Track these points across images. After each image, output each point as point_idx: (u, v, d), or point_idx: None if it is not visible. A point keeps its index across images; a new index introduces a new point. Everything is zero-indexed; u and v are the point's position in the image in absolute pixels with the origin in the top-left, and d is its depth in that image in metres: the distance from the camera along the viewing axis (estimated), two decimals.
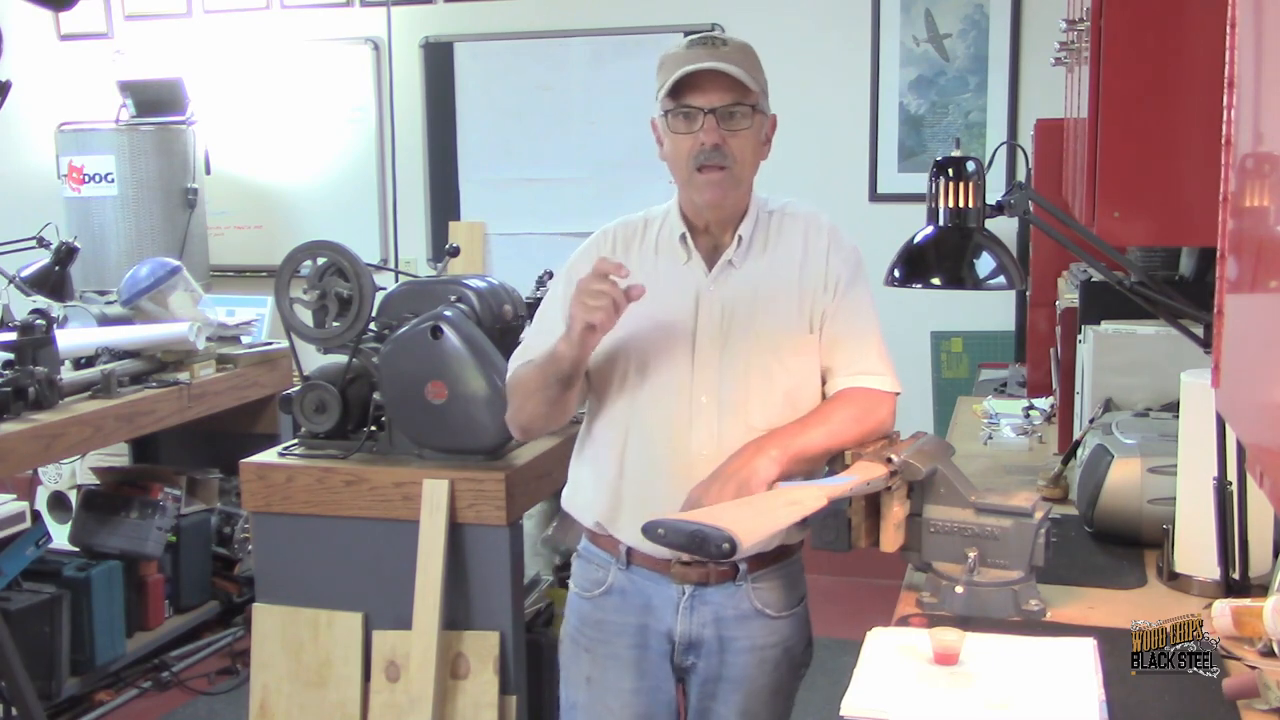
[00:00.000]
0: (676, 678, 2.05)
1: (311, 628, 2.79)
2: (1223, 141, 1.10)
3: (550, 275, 2.91)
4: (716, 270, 1.94)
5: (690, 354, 1.91)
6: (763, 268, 1.95)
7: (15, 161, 5.28)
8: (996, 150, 2.18)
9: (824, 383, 1.97)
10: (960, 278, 1.83)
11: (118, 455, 4.43)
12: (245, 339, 4.31)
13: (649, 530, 1.61)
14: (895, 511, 1.79)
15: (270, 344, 4.38)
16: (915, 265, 1.87)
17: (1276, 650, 1.54)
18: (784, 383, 1.93)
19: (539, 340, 1.98)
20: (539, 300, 2.46)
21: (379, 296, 2.87)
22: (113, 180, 4.84)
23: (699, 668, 2.02)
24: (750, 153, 1.89)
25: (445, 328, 2.63)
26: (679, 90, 1.85)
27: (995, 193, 1.84)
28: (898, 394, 1.98)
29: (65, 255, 3.95)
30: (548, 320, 2.01)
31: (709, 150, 1.85)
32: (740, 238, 1.94)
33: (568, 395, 1.93)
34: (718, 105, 1.84)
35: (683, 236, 1.95)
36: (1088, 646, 1.59)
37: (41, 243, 4.01)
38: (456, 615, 2.72)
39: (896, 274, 1.87)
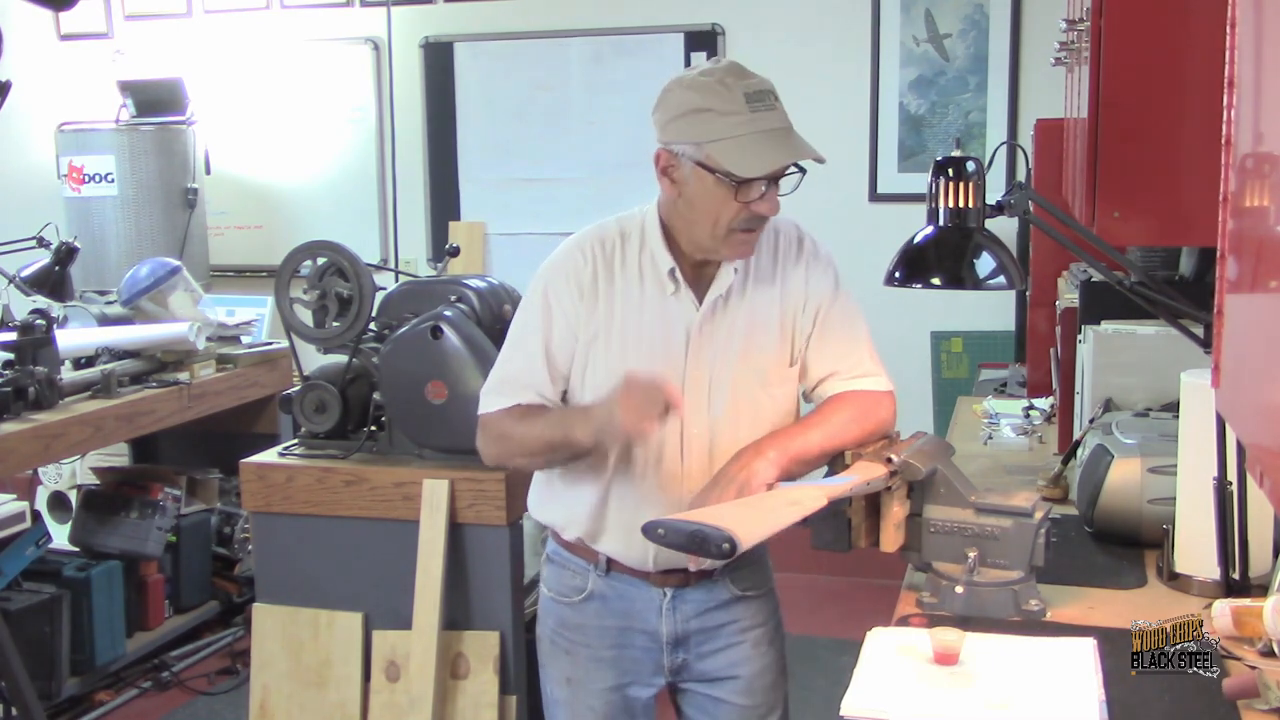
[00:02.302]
0: (668, 680, 2.04)
1: (311, 628, 2.79)
2: (1223, 141, 1.10)
3: None
4: (706, 308, 1.89)
5: (680, 390, 1.86)
6: (747, 301, 1.92)
7: (15, 161, 5.28)
8: (996, 150, 2.18)
9: (814, 387, 1.97)
10: (960, 278, 1.84)
11: (118, 455, 4.43)
12: (245, 339, 4.30)
13: (649, 530, 1.61)
14: (895, 511, 1.79)
15: (270, 344, 4.38)
16: (915, 265, 1.87)
17: (1276, 650, 1.55)
18: (770, 412, 1.93)
19: (523, 373, 1.93)
20: None
21: (379, 296, 2.87)
22: (113, 180, 4.84)
23: (691, 663, 2.02)
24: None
25: (445, 328, 2.63)
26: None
27: (995, 193, 1.84)
28: (893, 391, 1.97)
29: (65, 255, 3.95)
30: (526, 346, 1.94)
31: (758, 218, 1.80)
32: (735, 269, 1.89)
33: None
34: (777, 175, 1.78)
35: (671, 271, 1.88)
36: (1088, 646, 1.59)
37: (41, 243, 4.01)
38: (456, 615, 2.72)
39: (896, 274, 1.87)
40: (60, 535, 4.04)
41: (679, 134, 1.79)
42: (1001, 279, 1.82)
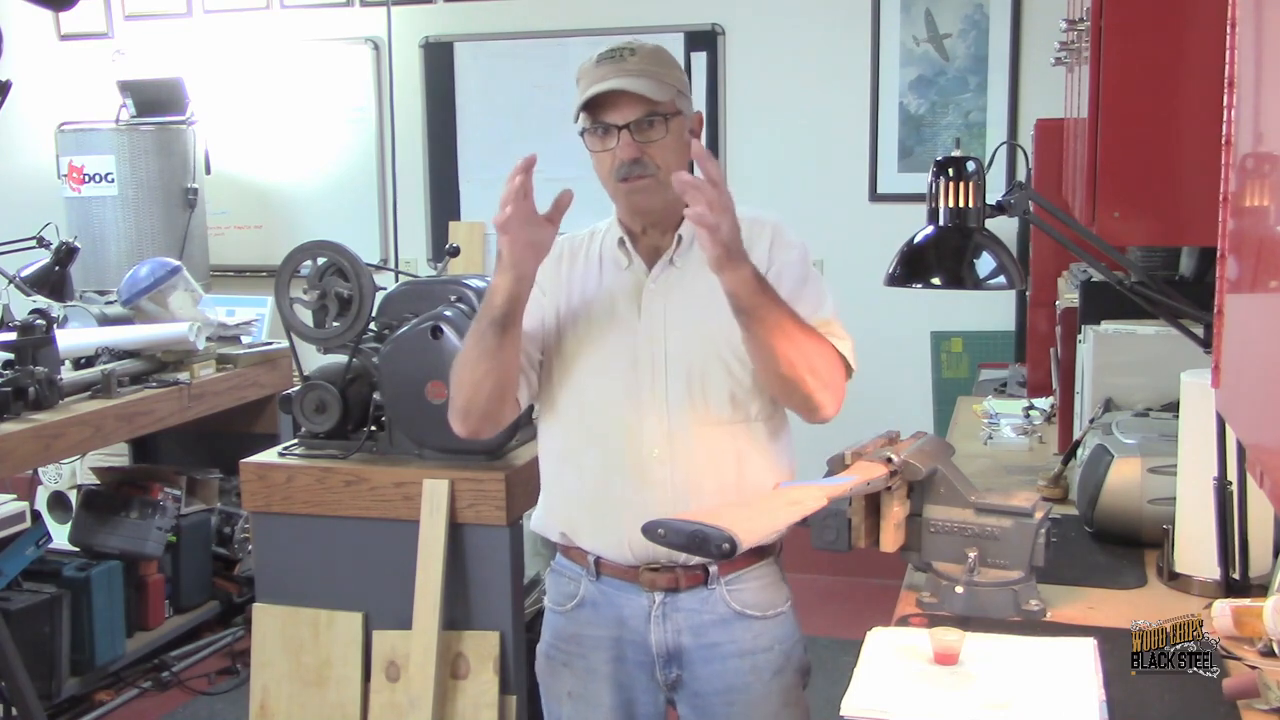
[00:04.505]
0: (666, 697, 2.01)
1: (311, 628, 2.79)
2: (1223, 141, 1.10)
3: None
4: (657, 270, 1.94)
5: (633, 352, 1.91)
6: (706, 269, 1.88)
7: (15, 161, 5.28)
8: (996, 150, 2.18)
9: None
10: (960, 278, 1.83)
11: (118, 455, 4.43)
12: (245, 339, 4.30)
13: (649, 530, 1.60)
14: (895, 511, 1.79)
15: (270, 344, 4.38)
16: (915, 265, 1.86)
17: (1276, 650, 1.55)
18: (731, 383, 1.91)
19: None
20: None
21: (379, 296, 2.87)
22: (113, 180, 4.84)
23: (686, 681, 1.98)
24: (673, 156, 1.89)
25: (445, 328, 2.64)
26: (592, 108, 1.88)
27: (995, 193, 1.84)
28: (851, 369, 1.91)
29: (65, 255, 3.96)
30: None
31: (628, 164, 1.88)
32: (680, 237, 1.94)
33: (505, 353, 1.85)
34: (631, 120, 1.86)
35: (621, 241, 1.96)
36: (1088, 646, 1.60)
37: (41, 243, 4.01)
38: (456, 615, 2.72)
39: (896, 274, 1.87)
40: (60, 535, 4.04)
41: None
42: (1001, 279, 1.82)
